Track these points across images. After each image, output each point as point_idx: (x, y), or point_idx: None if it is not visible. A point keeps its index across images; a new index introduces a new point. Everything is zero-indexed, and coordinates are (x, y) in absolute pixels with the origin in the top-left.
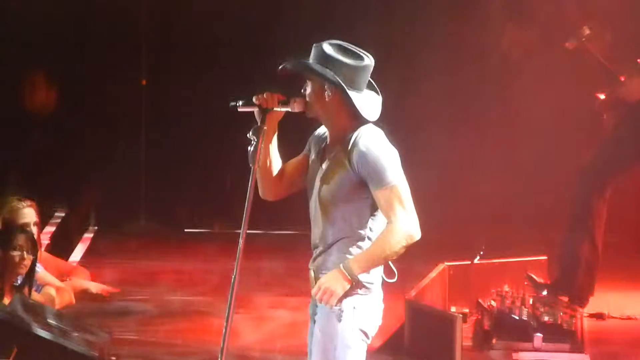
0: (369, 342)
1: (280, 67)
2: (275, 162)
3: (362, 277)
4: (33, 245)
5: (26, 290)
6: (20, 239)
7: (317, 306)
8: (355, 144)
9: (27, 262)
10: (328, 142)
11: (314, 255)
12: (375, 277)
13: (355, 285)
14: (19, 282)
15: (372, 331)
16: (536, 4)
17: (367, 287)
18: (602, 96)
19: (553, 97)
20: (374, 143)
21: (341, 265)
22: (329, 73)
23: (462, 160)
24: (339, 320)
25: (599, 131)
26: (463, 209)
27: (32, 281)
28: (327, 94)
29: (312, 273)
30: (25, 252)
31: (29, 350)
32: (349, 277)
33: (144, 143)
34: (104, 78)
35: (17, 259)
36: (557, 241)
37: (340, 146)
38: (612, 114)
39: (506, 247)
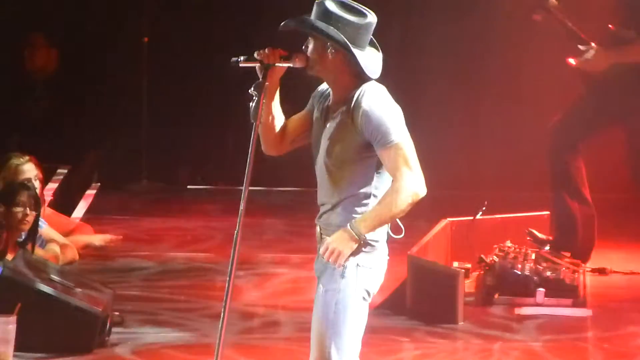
0: (369, 300)
1: (282, 25)
2: (278, 118)
3: (367, 235)
4: (36, 202)
5: (30, 246)
6: (23, 195)
7: (322, 263)
8: (358, 103)
9: (30, 218)
10: (331, 101)
11: (321, 212)
12: (380, 235)
13: (362, 244)
14: (22, 238)
15: (374, 289)
16: None
17: (371, 245)
18: (572, 61)
19: (559, 56)
20: (376, 102)
21: (348, 225)
22: (332, 31)
23: (465, 117)
24: (342, 277)
25: (568, 94)
26: (466, 166)
27: (35, 237)
28: (330, 51)
29: (318, 229)
30: (28, 209)
31: (32, 307)
32: (356, 237)
33: (146, 100)
34: (105, 35)
35: (20, 216)
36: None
37: (343, 105)
38: (583, 79)
39: (509, 203)
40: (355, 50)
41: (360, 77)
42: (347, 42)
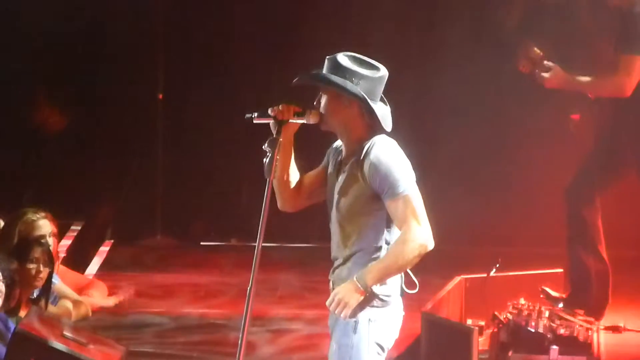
0: (384, 355)
1: (296, 80)
2: (293, 174)
3: (378, 290)
4: (49, 258)
5: (43, 302)
6: (37, 252)
7: (334, 319)
8: (367, 155)
9: (44, 274)
10: (343, 155)
11: (334, 266)
12: (392, 289)
13: (370, 297)
14: (35, 294)
15: (388, 344)
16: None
17: (383, 300)
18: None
19: (574, 103)
20: (385, 153)
21: (355, 276)
22: (349, 85)
23: (479, 172)
24: (354, 333)
25: (577, 144)
26: (480, 222)
27: (48, 294)
28: (344, 105)
29: (331, 284)
30: (41, 265)
31: None
32: (361, 288)
33: (161, 156)
34: (120, 91)
35: (33, 272)
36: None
37: (354, 158)
38: (591, 130)
39: (522, 260)
40: (372, 104)
41: (372, 130)
42: (365, 95)
